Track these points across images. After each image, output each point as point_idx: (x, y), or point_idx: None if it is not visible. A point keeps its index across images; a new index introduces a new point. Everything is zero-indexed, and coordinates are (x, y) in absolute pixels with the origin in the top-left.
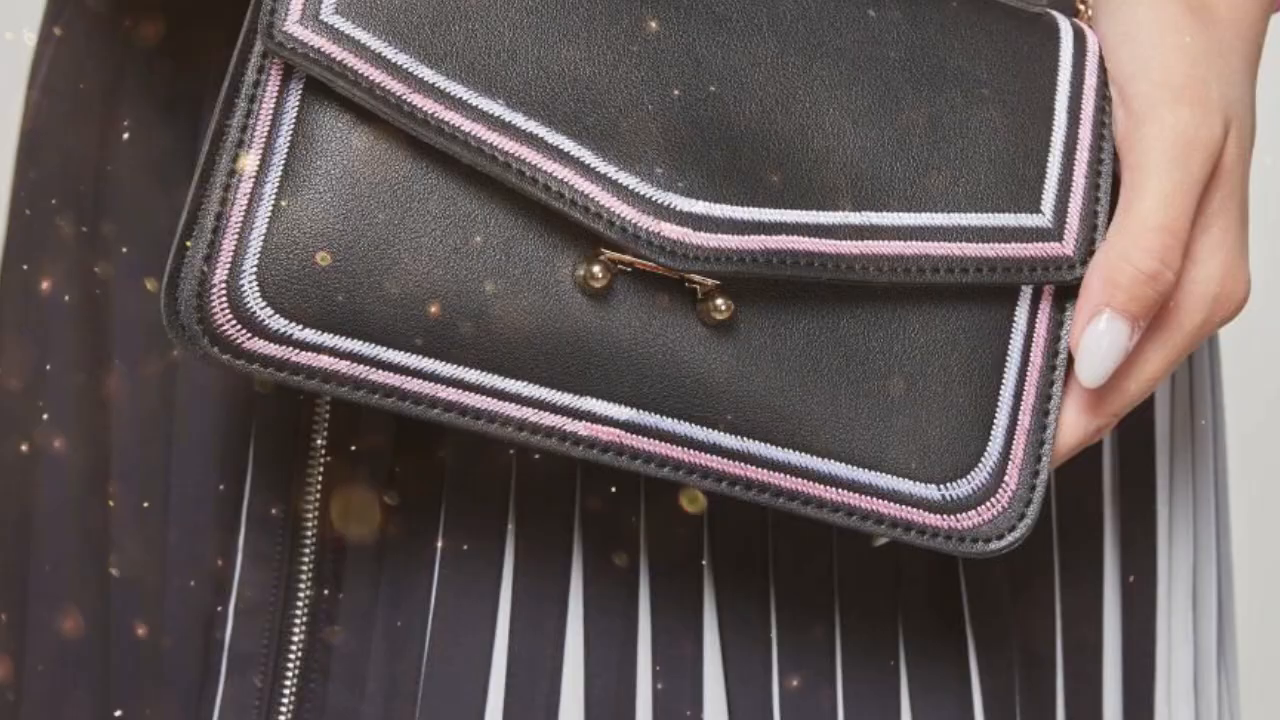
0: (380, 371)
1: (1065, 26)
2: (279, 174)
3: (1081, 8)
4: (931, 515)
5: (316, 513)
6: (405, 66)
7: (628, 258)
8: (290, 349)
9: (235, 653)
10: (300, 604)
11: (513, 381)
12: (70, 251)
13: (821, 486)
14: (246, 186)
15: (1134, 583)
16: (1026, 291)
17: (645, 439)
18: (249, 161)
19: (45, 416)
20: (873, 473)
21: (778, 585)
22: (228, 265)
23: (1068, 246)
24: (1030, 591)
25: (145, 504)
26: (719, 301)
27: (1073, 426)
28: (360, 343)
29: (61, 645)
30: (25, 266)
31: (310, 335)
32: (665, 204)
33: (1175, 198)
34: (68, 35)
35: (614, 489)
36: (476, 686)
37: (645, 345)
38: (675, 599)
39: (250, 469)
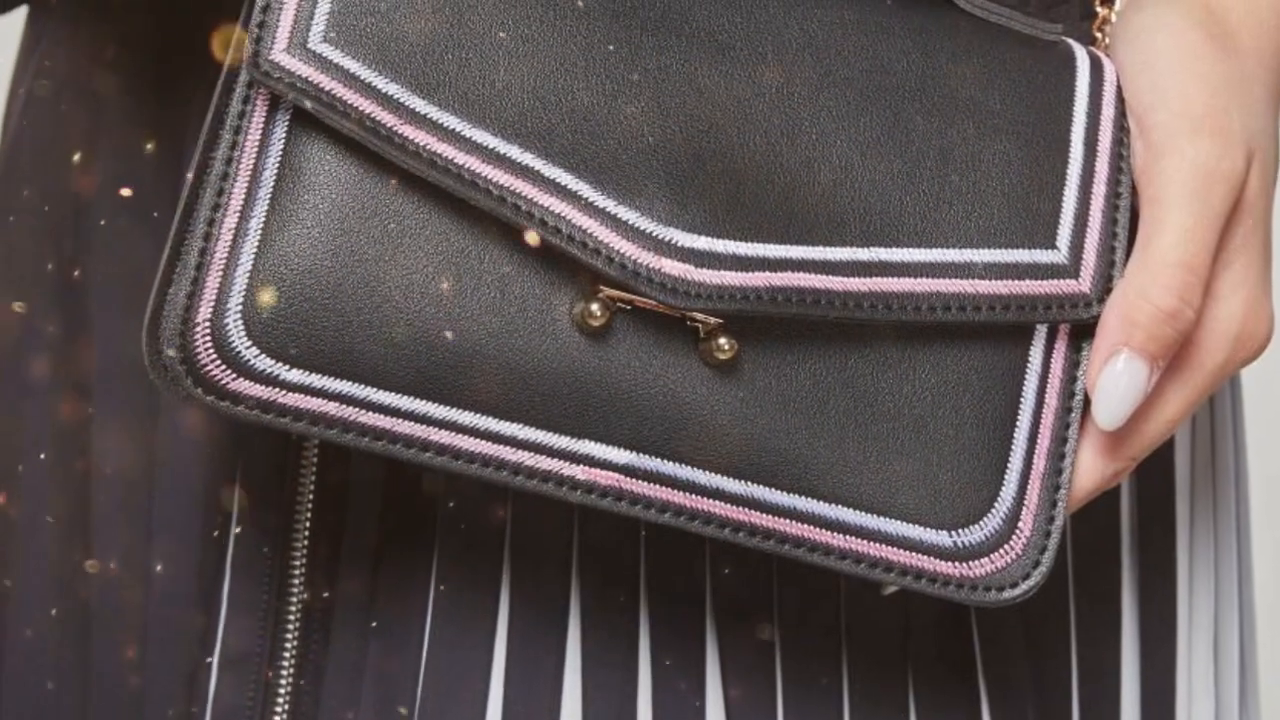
0: (370, 414)
1: (1081, 55)
2: (265, 208)
3: (1099, 35)
4: (943, 562)
5: (305, 559)
6: (396, 97)
7: (627, 295)
8: (277, 390)
9: (220, 705)
10: (287, 655)
11: (508, 424)
12: (48, 290)
13: (828, 533)
14: (231, 221)
15: (1153, 632)
16: (1041, 330)
17: (645, 483)
18: (234, 196)
19: (20, 468)
20: (881, 518)
21: (783, 634)
22: (212, 303)
23: (1084, 284)
24: (1045, 642)
25: (127, 551)
26: (722, 341)
27: (1089, 470)
28: (349, 384)
29: (40, 697)
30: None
31: (297, 376)
32: (666, 239)
33: (1195, 232)
34: (46, 67)
35: (614, 533)
36: None
37: (645, 386)
38: (676, 649)
39: (235, 515)
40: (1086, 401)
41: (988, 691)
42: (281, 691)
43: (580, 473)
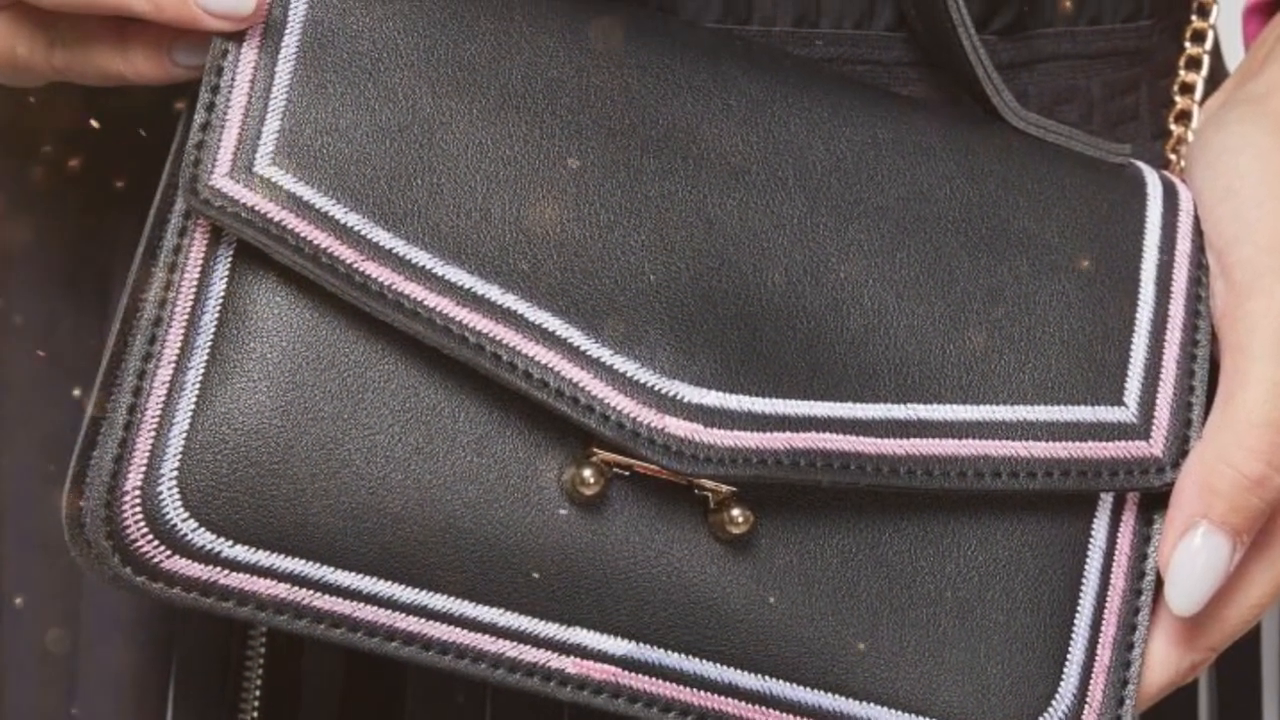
0: (327, 597)
1: (1153, 181)
2: (205, 358)
3: (1172, 157)
4: None
5: None
6: (357, 229)
7: (625, 459)
8: (218, 570)
9: None
10: None
11: (487, 609)
12: None
13: None
14: (165, 374)
15: None
16: (1106, 500)
17: (646, 678)
18: (169, 344)
19: None
20: (922, 719)
21: None
22: (143, 469)
23: (1156, 446)
24: None
25: None
26: (735, 512)
27: (1162, 663)
28: (303, 562)
29: None
30: None
31: (242, 553)
32: (670, 394)
33: None
34: None
35: None
36: None
37: (646, 565)
38: None
39: (170, 714)
40: (1158, 583)
41: None
42: None
43: (571, 666)
